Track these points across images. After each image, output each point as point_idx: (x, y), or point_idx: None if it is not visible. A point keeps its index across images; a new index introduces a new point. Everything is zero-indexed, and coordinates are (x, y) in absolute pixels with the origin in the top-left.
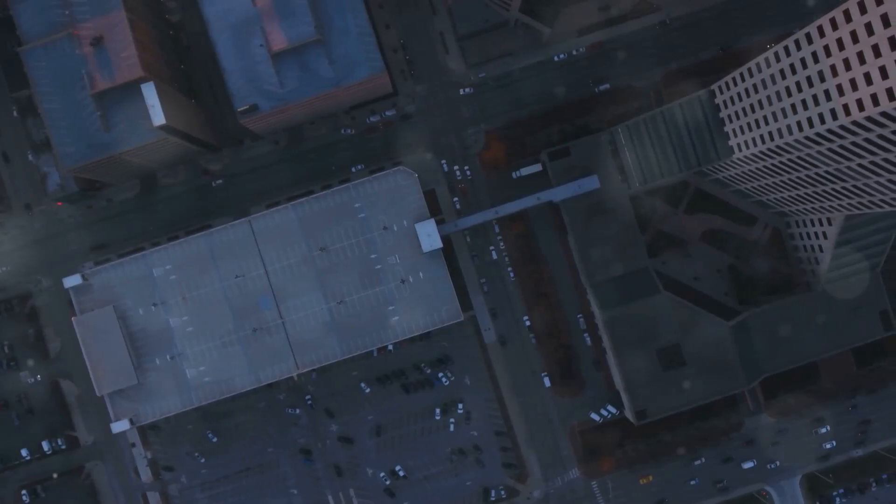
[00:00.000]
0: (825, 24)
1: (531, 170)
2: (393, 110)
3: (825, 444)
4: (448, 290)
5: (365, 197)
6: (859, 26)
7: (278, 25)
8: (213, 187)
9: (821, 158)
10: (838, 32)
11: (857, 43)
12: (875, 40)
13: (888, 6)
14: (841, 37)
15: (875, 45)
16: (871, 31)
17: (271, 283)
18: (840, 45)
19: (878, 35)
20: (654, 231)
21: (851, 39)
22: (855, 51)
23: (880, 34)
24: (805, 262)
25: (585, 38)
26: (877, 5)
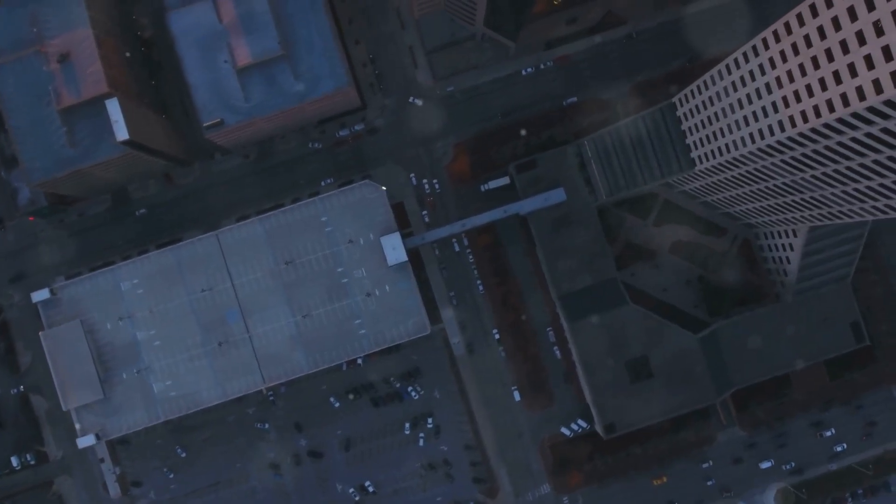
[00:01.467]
0: (769, 37)
1: (499, 183)
2: (362, 124)
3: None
4: (415, 303)
5: (332, 210)
6: (799, 38)
7: (244, 41)
8: (137, 216)
9: (776, 170)
10: (781, 45)
11: (798, 55)
12: (814, 52)
13: (824, 18)
14: (783, 49)
15: (814, 57)
16: (809, 44)
17: (238, 296)
18: (783, 57)
19: (817, 47)
20: (623, 242)
21: (793, 51)
22: (797, 63)
23: (818, 46)
24: (774, 273)
25: (553, 52)
26: (813, 17)
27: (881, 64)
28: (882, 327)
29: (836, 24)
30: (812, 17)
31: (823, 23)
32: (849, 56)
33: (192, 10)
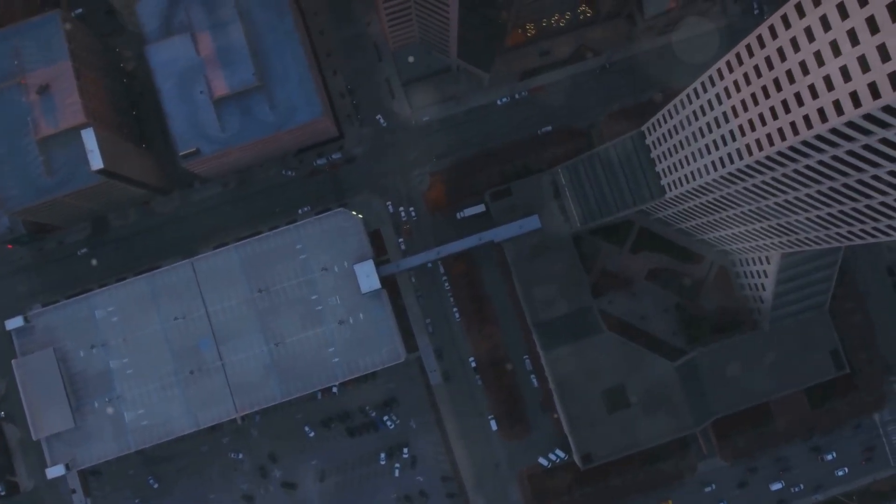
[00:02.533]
0: (723, 67)
1: (475, 210)
2: (340, 153)
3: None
4: (389, 331)
5: (306, 238)
6: (750, 69)
7: (221, 73)
8: (79, 255)
9: (741, 197)
10: (734, 75)
11: (750, 85)
12: (764, 82)
13: (770, 49)
14: (737, 79)
15: (764, 87)
16: (759, 74)
17: (212, 324)
18: (737, 86)
19: (766, 77)
20: (600, 270)
21: (745, 81)
22: (749, 92)
23: (767, 76)
24: (751, 300)
25: (528, 82)
26: (761, 48)
27: (824, 93)
28: (861, 355)
29: (782, 54)
30: (760, 48)
31: (770, 54)
32: (795, 85)
33: (170, 43)
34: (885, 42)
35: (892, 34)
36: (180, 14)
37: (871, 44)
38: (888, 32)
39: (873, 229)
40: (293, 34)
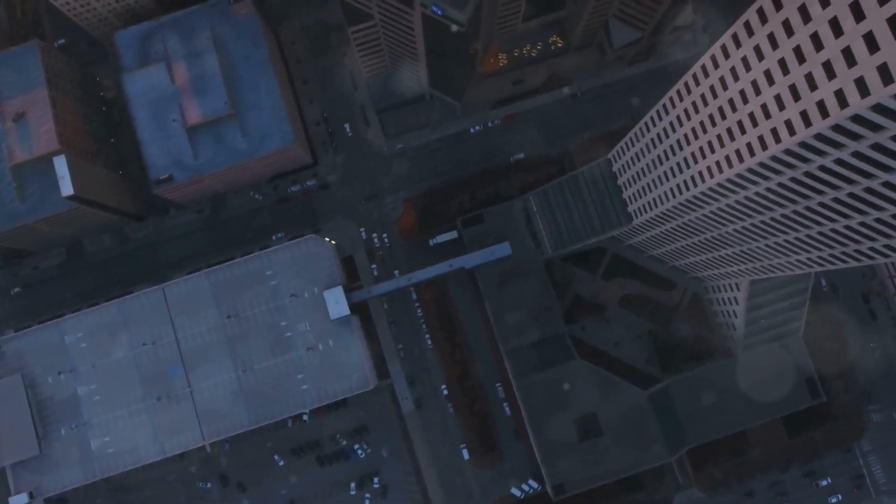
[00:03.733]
0: (674, 95)
1: (447, 237)
2: (314, 180)
3: None
4: (358, 358)
5: (277, 264)
6: (697, 97)
7: (195, 101)
8: (12, 295)
9: (702, 224)
10: (684, 103)
11: (699, 113)
12: (710, 110)
13: (713, 79)
14: (687, 107)
15: (711, 115)
16: (706, 102)
17: (181, 350)
18: (687, 115)
19: (711, 106)
20: (573, 296)
21: (694, 110)
22: (698, 121)
23: (712, 105)
24: (725, 327)
25: (500, 111)
26: (705, 77)
27: (763, 121)
28: (837, 383)
29: (724, 84)
30: (704, 77)
31: (714, 83)
32: (737, 114)
33: (146, 73)
34: (812, 71)
35: (817, 63)
36: (157, 44)
37: (800, 72)
38: (814, 62)
39: (831, 256)
40: (267, 64)
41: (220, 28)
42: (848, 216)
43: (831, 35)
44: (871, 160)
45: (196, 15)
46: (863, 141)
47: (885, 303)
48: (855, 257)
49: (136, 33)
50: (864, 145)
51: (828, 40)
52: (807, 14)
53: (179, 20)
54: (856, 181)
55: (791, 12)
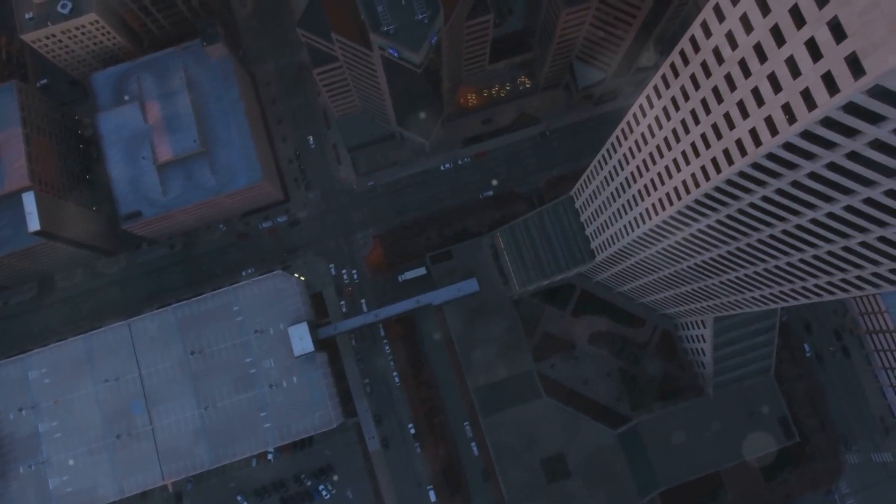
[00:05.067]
0: (619, 134)
1: (416, 273)
2: (285, 216)
3: None
4: (321, 396)
5: (244, 300)
6: (638, 137)
7: (166, 139)
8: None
9: (658, 261)
10: (628, 142)
11: (640, 152)
12: (649, 149)
13: (650, 118)
14: (630, 147)
15: (651, 154)
16: (645, 142)
17: (144, 387)
18: (631, 154)
19: (650, 145)
20: (542, 333)
21: (636, 148)
22: (640, 160)
23: (651, 144)
24: (695, 365)
25: (470, 149)
26: (643, 116)
27: (693, 160)
28: (811, 422)
29: (659, 123)
30: (642, 116)
31: (650, 122)
32: (672, 152)
33: (120, 112)
34: (729, 111)
35: (732, 103)
36: (132, 84)
37: (719, 112)
38: (729, 102)
39: (783, 293)
40: (238, 103)
41: (193, 69)
42: (787, 253)
43: (741, 76)
44: (793, 197)
45: (171, 57)
46: (781, 178)
47: (857, 339)
48: (811, 293)
49: (113, 74)
50: (784, 182)
51: (739, 80)
52: (720, 57)
53: (155, 61)
54: (785, 218)
55: (707, 54)
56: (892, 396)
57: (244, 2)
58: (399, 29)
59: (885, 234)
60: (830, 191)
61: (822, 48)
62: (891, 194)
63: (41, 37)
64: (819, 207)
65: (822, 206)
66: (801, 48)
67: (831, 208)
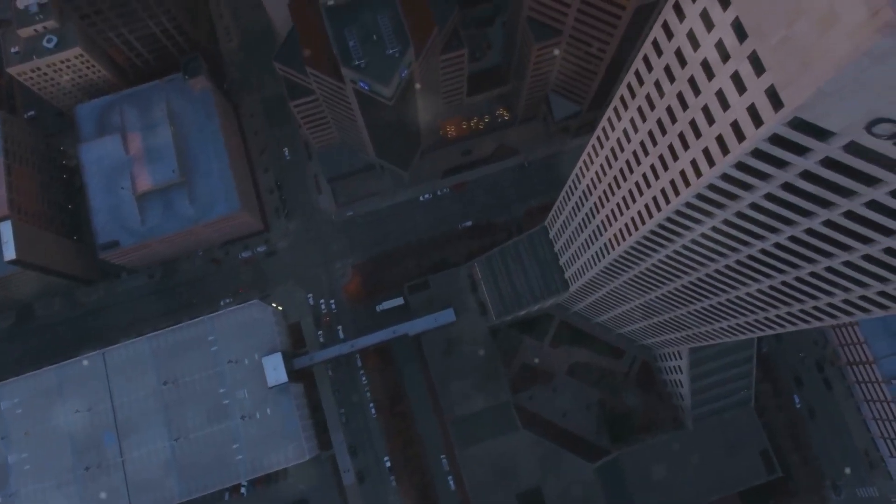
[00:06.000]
0: (583, 165)
1: (394, 303)
2: (265, 246)
3: None
4: (295, 428)
5: (219, 330)
6: (598, 167)
7: (146, 169)
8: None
9: (628, 292)
10: (590, 172)
11: (601, 182)
12: (608, 180)
13: (612, 142)
14: (592, 177)
15: (610, 184)
16: (604, 172)
17: (116, 417)
18: (594, 184)
19: (609, 176)
20: (520, 364)
21: (597, 178)
22: (602, 190)
23: (609, 175)
24: (675, 396)
25: (450, 179)
26: (600, 148)
27: (646, 191)
28: (794, 457)
29: (614, 154)
30: (599, 147)
31: (607, 153)
32: (627, 183)
33: (101, 142)
34: (672, 143)
35: (674, 135)
36: (115, 116)
37: (664, 144)
38: (671, 134)
39: (751, 323)
40: (218, 135)
41: (176, 101)
42: (748, 282)
43: (680, 109)
44: (740, 228)
45: (154, 89)
46: (726, 209)
47: (839, 371)
48: (783, 322)
49: (97, 106)
50: (729, 213)
51: (678, 112)
52: (661, 90)
53: (138, 94)
54: (737, 249)
55: (649, 87)
56: (876, 430)
57: (231, 36)
58: (370, 63)
59: (852, 259)
60: (773, 221)
61: (745, 81)
62: (829, 224)
63: (27, 70)
64: (766, 238)
65: (768, 237)
66: (728, 82)
67: (777, 238)
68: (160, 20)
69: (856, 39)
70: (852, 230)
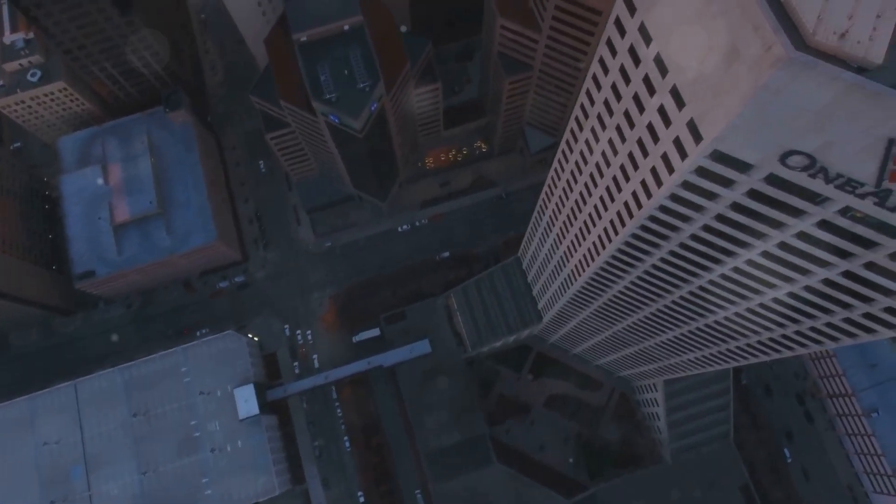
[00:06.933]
0: (547, 190)
1: (370, 334)
2: (243, 276)
3: None
4: (266, 461)
5: (193, 361)
6: (557, 199)
7: (124, 200)
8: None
9: (595, 323)
10: (551, 202)
11: (561, 212)
12: (567, 211)
13: (567, 173)
14: (553, 207)
15: (569, 216)
16: (563, 203)
17: (86, 450)
18: (555, 215)
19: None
20: (497, 396)
21: (557, 210)
22: (562, 220)
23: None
24: (653, 430)
25: (428, 210)
26: (559, 178)
27: (593, 230)
28: (776, 492)
29: (566, 193)
30: (555, 185)
31: (564, 186)
32: (578, 220)
33: (82, 174)
34: (616, 174)
35: (617, 167)
36: (97, 148)
37: (609, 175)
38: (615, 167)
39: (714, 355)
40: (197, 166)
41: (157, 134)
42: (703, 315)
43: (619, 142)
44: (687, 259)
45: (136, 122)
46: (661, 248)
47: (820, 404)
48: (754, 351)
49: (79, 138)
50: (664, 251)
51: (618, 145)
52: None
53: (120, 126)
54: (687, 280)
55: (593, 121)
56: (859, 465)
57: (216, 70)
58: (340, 97)
59: (811, 283)
60: (716, 253)
61: (669, 115)
62: (766, 255)
63: (11, 103)
64: (712, 269)
65: (714, 268)
66: (657, 115)
67: (723, 270)
68: (143, 55)
69: (754, 74)
70: (790, 262)
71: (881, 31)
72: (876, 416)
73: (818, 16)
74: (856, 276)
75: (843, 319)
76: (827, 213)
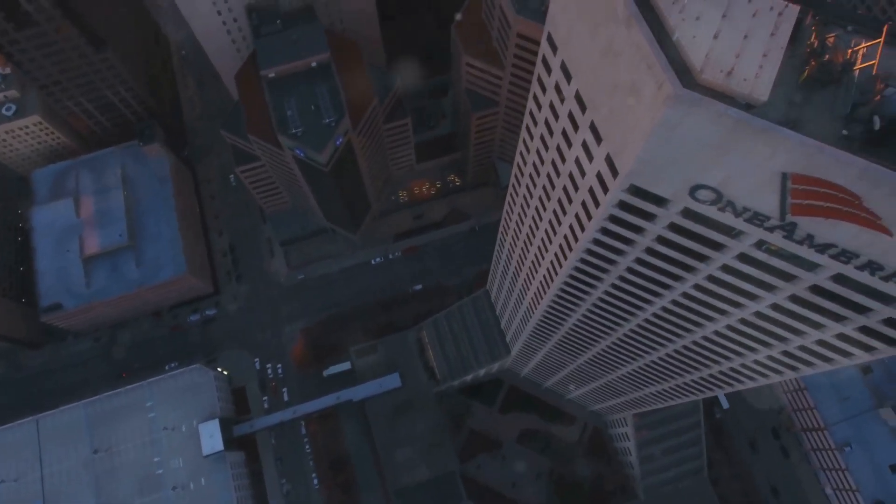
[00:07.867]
0: (503, 224)
1: (341, 367)
2: (215, 309)
3: None
4: (230, 500)
5: (158, 395)
6: (513, 231)
7: (95, 233)
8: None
9: (559, 355)
10: (509, 237)
11: (518, 240)
12: (521, 244)
13: (518, 209)
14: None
15: (522, 248)
16: (517, 236)
17: (45, 488)
18: (512, 248)
19: (521, 239)
20: (468, 431)
21: (514, 239)
22: (518, 250)
23: (521, 239)
24: (626, 465)
25: (402, 243)
26: (511, 214)
27: (543, 260)
28: None
29: (518, 226)
30: (508, 220)
31: (514, 227)
32: (530, 252)
33: (54, 206)
34: (555, 208)
35: (556, 201)
36: (70, 181)
37: (550, 209)
38: (553, 200)
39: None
40: (170, 200)
41: (131, 167)
42: (655, 347)
43: (555, 175)
44: (627, 290)
45: (110, 155)
46: (604, 279)
47: (794, 438)
48: (703, 386)
49: (53, 171)
50: (608, 282)
51: (554, 179)
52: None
53: (94, 160)
54: (635, 313)
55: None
56: (836, 502)
57: (194, 105)
58: (306, 131)
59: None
60: (654, 286)
61: (591, 150)
62: (698, 289)
63: None
64: (660, 296)
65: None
66: (581, 150)
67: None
68: (118, 90)
69: (651, 111)
70: (720, 294)
71: (766, 70)
72: (849, 450)
73: (706, 54)
74: (803, 301)
75: (798, 347)
76: (744, 245)
